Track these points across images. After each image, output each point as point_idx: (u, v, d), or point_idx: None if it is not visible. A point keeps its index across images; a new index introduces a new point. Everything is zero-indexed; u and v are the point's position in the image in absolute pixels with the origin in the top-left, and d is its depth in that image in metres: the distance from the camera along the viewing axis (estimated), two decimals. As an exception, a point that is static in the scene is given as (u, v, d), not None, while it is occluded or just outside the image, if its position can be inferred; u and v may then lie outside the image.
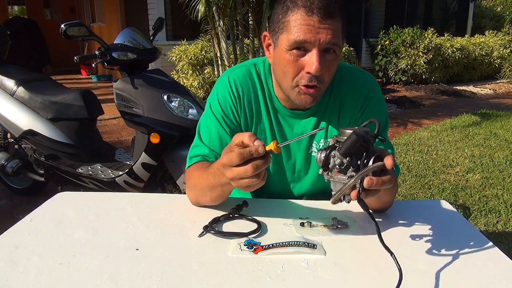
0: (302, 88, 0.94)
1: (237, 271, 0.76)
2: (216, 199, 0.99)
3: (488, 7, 11.56)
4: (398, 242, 0.87)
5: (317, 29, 0.87)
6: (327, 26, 0.87)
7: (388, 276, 0.74)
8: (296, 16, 0.89)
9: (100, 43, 2.17)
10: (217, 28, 4.57)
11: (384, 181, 0.70)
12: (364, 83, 1.07)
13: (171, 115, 2.14)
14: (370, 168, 0.68)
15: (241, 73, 1.08)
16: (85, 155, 2.57)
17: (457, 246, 0.86)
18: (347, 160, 0.69)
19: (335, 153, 0.70)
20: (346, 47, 7.14)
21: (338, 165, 0.70)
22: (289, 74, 0.94)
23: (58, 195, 1.12)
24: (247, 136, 0.76)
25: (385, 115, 1.08)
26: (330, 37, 0.88)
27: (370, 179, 0.68)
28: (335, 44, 0.89)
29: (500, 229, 2.44)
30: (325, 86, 0.96)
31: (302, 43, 0.89)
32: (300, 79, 0.93)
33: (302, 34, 0.88)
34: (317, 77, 0.91)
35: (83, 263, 0.78)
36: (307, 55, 0.90)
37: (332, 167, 0.72)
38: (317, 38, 0.88)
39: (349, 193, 0.70)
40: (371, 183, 0.68)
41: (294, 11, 0.89)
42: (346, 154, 0.69)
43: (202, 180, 0.95)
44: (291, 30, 0.90)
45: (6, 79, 2.61)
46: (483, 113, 5.67)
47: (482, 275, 0.76)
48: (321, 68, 0.89)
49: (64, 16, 11.12)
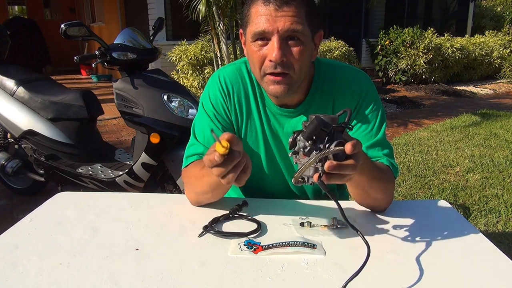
0: (270, 77, 0.95)
1: (237, 271, 0.76)
2: (217, 195, 1.01)
3: (488, 7, 11.56)
4: (398, 242, 0.87)
5: (274, 17, 0.89)
6: (285, 14, 0.89)
7: (388, 276, 0.74)
8: (256, 8, 0.91)
9: (100, 43, 2.17)
10: (217, 28, 4.57)
11: (345, 166, 0.72)
12: (358, 82, 1.06)
13: (171, 115, 2.14)
14: (329, 151, 0.71)
15: (231, 71, 1.09)
16: (85, 155, 2.57)
17: (457, 246, 0.86)
18: (309, 143, 0.73)
19: (299, 137, 0.75)
20: (346, 47, 7.13)
21: (302, 148, 0.74)
22: (256, 65, 0.95)
23: (58, 195, 1.12)
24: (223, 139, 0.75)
25: (380, 113, 1.07)
26: (288, 24, 0.89)
27: (330, 163, 0.71)
28: (296, 31, 0.90)
29: (500, 229, 2.44)
30: (297, 74, 0.95)
31: (262, 34, 0.91)
32: (266, 68, 0.94)
33: (260, 25, 0.90)
34: (282, 64, 0.91)
35: (83, 263, 0.78)
36: (269, 44, 0.92)
37: (297, 149, 0.76)
38: (275, 27, 0.89)
39: (312, 175, 0.74)
40: (331, 166, 0.71)
41: (254, 2, 0.92)
42: (309, 138, 0.73)
43: (200, 178, 0.96)
44: (252, 22, 0.92)
45: (6, 79, 2.61)
46: (483, 113, 5.67)
47: (482, 275, 0.76)
48: (282, 55, 0.90)
49: (64, 16, 11.11)
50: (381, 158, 1.02)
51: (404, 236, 0.90)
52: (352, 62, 7.06)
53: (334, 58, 6.61)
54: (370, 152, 1.02)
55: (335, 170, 0.71)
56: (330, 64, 1.08)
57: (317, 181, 0.73)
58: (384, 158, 1.02)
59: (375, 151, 1.03)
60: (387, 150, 1.04)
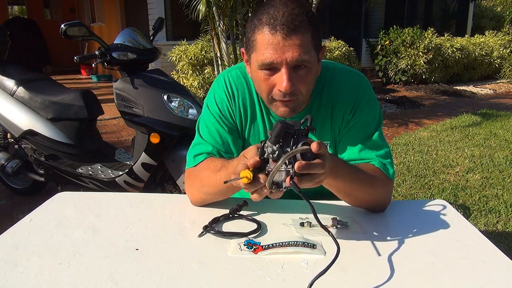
0: (279, 103, 0.95)
1: (237, 271, 0.76)
2: (229, 196, 1.03)
3: (488, 7, 11.56)
4: (398, 241, 0.87)
5: (282, 47, 0.87)
6: (292, 43, 0.87)
7: (388, 276, 0.74)
8: (262, 36, 0.89)
9: (100, 43, 2.17)
10: (217, 28, 4.56)
11: (314, 164, 0.74)
12: (355, 83, 1.07)
13: (171, 115, 2.14)
14: (296, 150, 0.73)
15: (236, 74, 1.09)
16: (85, 155, 2.57)
17: (457, 246, 0.86)
18: (277, 147, 0.75)
19: (267, 143, 0.76)
20: (346, 47, 7.13)
21: (271, 154, 0.76)
22: (264, 92, 0.95)
23: (58, 195, 1.12)
24: (248, 156, 0.80)
25: (377, 114, 1.07)
26: (296, 55, 0.87)
27: (299, 163, 0.72)
28: (304, 61, 0.89)
29: (500, 229, 2.44)
30: (304, 97, 0.96)
31: (270, 65, 0.90)
32: (274, 95, 0.94)
33: (268, 56, 0.88)
34: (290, 92, 0.91)
35: (83, 263, 0.78)
36: (277, 74, 0.91)
37: (266, 156, 0.77)
38: (283, 58, 0.88)
39: (284, 179, 0.76)
40: (300, 167, 0.72)
41: (260, 29, 0.90)
42: (276, 141, 0.75)
43: (216, 179, 0.95)
44: (258, 50, 0.91)
45: (6, 79, 2.61)
46: (483, 113, 5.67)
47: (482, 275, 0.76)
48: (292, 85, 0.90)
49: (64, 16, 11.11)
50: (373, 160, 1.02)
51: (404, 236, 0.90)
52: (352, 62, 7.05)
53: (334, 58, 6.60)
54: (363, 153, 1.02)
55: (305, 169, 0.73)
56: (328, 67, 1.08)
57: (289, 183, 0.74)
58: (376, 160, 1.02)
59: (368, 152, 1.03)
60: (382, 151, 1.04)
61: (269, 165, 0.78)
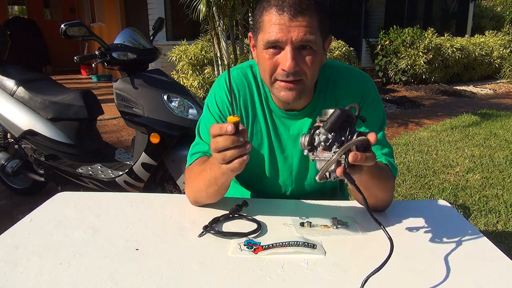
0: (281, 84, 0.95)
1: (237, 271, 0.76)
2: (212, 195, 1.00)
3: (488, 7, 11.56)
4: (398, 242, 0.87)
5: (288, 27, 0.89)
6: (299, 24, 0.88)
7: (388, 276, 0.74)
8: (269, 16, 0.91)
9: (100, 43, 2.17)
10: (217, 28, 4.56)
11: (368, 157, 0.72)
12: (360, 82, 1.07)
13: (171, 115, 2.14)
14: (355, 140, 0.69)
15: (237, 75, 1.09)
16: (85, 155, 2.57)
17: (457, 246, 0.86)
18: (332, 135, 0.71)
19: (320, 130, 0.73)
20: (346, 47, 7.13)
21: (324, 142, 0.72)
22: (267, 71, 0.95)
23: (58, 195, 1.12)
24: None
25: (382, 114, 1.08)
26: (302, 35, 0.89)
27: (355, 154, 0.70)
28: (309, 41, 0.90)
29: (500, 229, 2.44)
30: (309, 81, 0.96)
31: (275, 43, 0.91)
32: (277, 75, 0.94)
33: (274, 34, 0.90)
34: (294, 73, 0.92)
35: (83, 263, 0.78)
36: (282, 53, 0.92)
37: (317, 144, 0.73)
38: (288, 37, 0.89)
39: (334, 170, 0.71)
40: (356, 158, 0.69)
41: (268, 10, 0.92)
42: (331, 129, 0.71)
43: (199, 174, 0.97)
44: (265, 30, 0.92)
45: (6, 79, 2.61)
46: (483, 113, 5.67)
47: (482, 275, 0.76)
48: (296, 65, 0.90)
49: (64, 16, 11.11)
50: (380, 157, 1.03)
51: (404, 236, 0.90)
52: (352, 62, 7.05)
53: (334, 58, 6.60)
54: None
55: (360, 161, 0.70)
56: (333, 66, 1.08)
57: (340, 174, 0.70)
58: (382, 157, 1.03)
59: (375, 150, 1.03)
60: (386, 150, 1.05)
61: (316, 153, 0.74)
